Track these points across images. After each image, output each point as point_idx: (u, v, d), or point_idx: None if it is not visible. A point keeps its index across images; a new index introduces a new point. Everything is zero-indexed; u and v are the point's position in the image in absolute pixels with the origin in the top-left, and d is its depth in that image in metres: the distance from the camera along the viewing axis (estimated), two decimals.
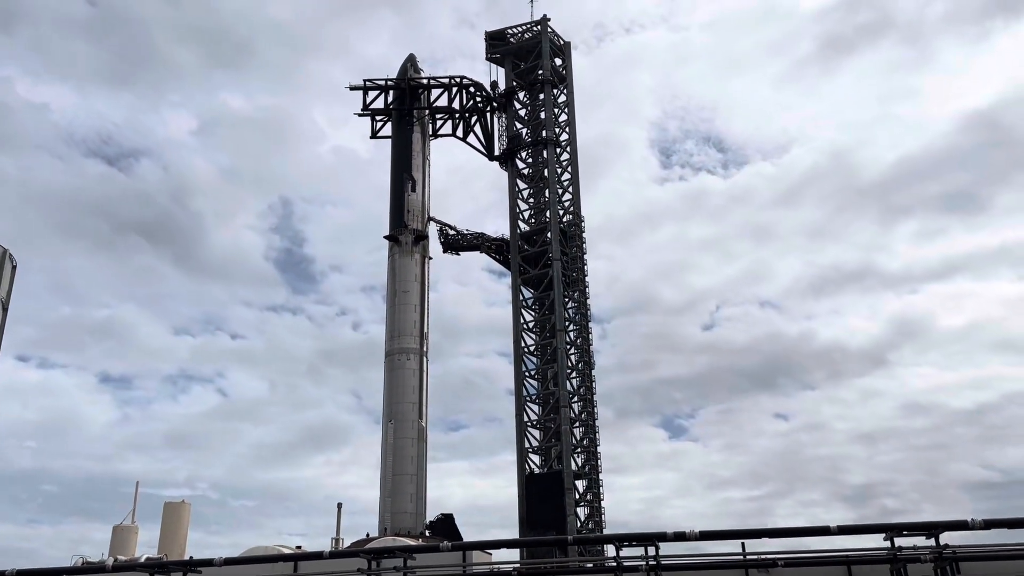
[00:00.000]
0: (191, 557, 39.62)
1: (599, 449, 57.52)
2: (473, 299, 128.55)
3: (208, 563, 37.28)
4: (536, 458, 57.64)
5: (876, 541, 32.92)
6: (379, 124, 63.57)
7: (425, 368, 55.76)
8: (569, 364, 58.54)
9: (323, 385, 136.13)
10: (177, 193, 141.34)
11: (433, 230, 61.81)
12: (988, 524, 30.76)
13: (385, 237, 59.22)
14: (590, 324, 60.55)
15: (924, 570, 31.20)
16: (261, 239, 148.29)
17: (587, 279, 61.28)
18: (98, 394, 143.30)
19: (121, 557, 44.90)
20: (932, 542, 31.39)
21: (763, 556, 34.45)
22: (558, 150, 63.30)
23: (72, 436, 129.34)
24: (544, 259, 59.90)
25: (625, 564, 34.16)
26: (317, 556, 37.97)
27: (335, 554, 38.88)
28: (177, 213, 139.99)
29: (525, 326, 60.52)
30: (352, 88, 63.86)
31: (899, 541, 31.70)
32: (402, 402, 53.72)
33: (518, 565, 39.13)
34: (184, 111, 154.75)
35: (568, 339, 58.98)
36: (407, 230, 58.38)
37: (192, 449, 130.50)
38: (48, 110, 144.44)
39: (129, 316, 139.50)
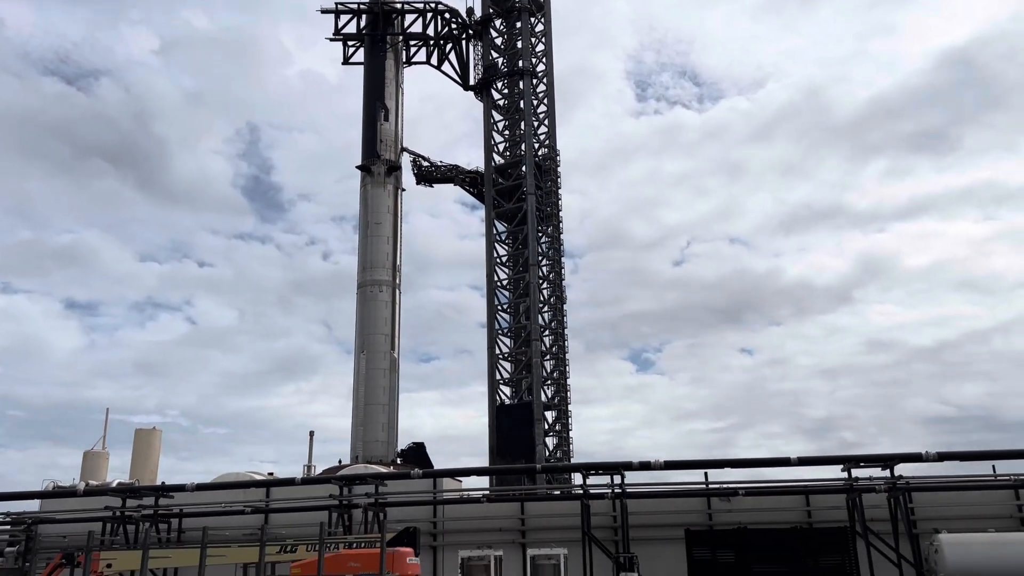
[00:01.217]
0: (163, 483, 39.96)
1: (568, 381, 58.43)
2: (445, 231, 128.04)
3: (180, 488, 37.70)
4: (507, 389, 58.46)
5: (834, 472, 34.14)
6: (351, 50, 61.90)
7: (397, 300, 55.78)
8: (541, 298, 58.89)
9: (293, 315, 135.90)
10: (140, 115, 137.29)
11: (406, 161, 61.03)
12: (941, 457, 32.02)
13: (357, 167, 58.34)
14: (562, 259, 60.77)
15: (878, 499, 32.49)
16: (228, 165, 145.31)
17: (561, 214, 61.18)
18: (64, 320, 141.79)
19: (92, 482, 45.16)
20: (887, 473, 32.64)
21: (725, 485, 35.65)
22: (534, 81, 62.31)
23: (38, 362, 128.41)
24: (519, 193, 59.55)
25: (592, 492, 35.14)
26: (289, 482, 38.54)
27: (307, 480, 39.50)
28: (140, 136, 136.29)
29: (498, 260, 60.54)
30: (323, 11, 61.91)
31: (856, 472, 32.91)
32: (374, 333, 53.87)
33: (488, 492, 40.04)
34: (144, 29, 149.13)
35: (540, 274, 59.17)
36: (380, 160, 57.52)
37: (161, 376, 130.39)
38: (3, 26, 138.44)
39: (93, 241, 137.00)
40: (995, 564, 28.08)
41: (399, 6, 61.96)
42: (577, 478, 37.85)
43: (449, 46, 63.69)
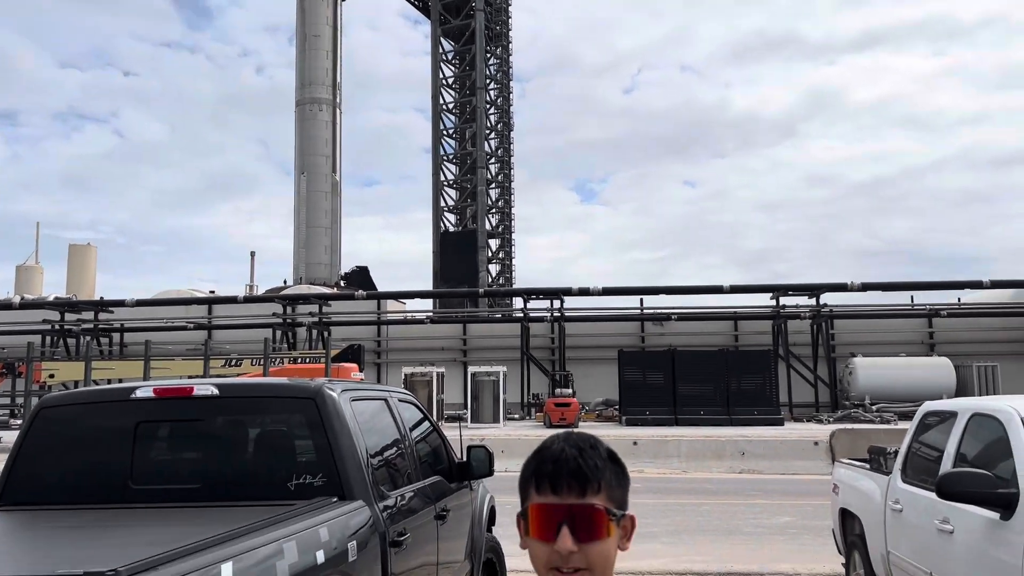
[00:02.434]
0: (102, 298, 39.59)
1: (513, 210, 58.60)
2: (388, 47, 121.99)
3: (120, 304, 37.42)
4: (451, 217, 58.41)
5: (763, 300, 35.69)
6: None
7: (338, 120, 53.90)
8: (488, 124, 57.63)
9: (227, 131, 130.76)
10: None
11: None
12: (865, 287, 33.60)
13: None
14: (511, 83, 59.00)
15: (802, 326, 34.30)
16: None
17: (511, 34, 58.70)
18: None
19: (28, 296, 44.43)
20: (813, 301, 34.27)
21: (659, 310, 37.07)
22: None
23: None
24: (467, 8, 56.57)
25: (532, 315, 36.20)
26: (232, 300, 38.58)
27: (250, 299, 39.56)
28: None
29: (444, 82, 58.41)
30: None
31: (784, 300, 34.45)
32: (315, 155, 52.38)
33: (431, 314, 40.91)
34: None
35: (488, 98, 57.54)
36: None
37: (91, 191, 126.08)
38: None
39: (6, 44, 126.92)
40: (902, 385, 30.28)
41: None
42: (518, 302, 38.77)
43: None
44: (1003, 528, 4.02)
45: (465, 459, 5.50)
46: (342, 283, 52.16)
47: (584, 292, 35.58)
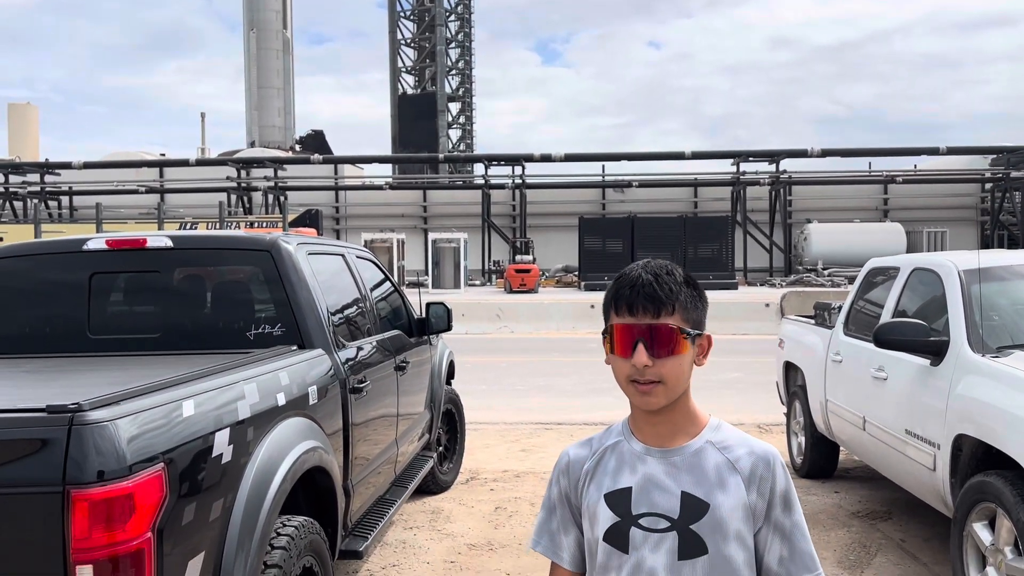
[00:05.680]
0: (47, 159, 38.22)
1: (474, 72, 56.92)
2: None
3: (66, 166, 36.26)
4: (409, 78, 56.58)
5: (724, 167, 35.87)
6: None
7: None
8: None
9: None
10: None
11: None
12: (825, 153, 33.85)
13: None
14: None
15: (761, 192, 34.69)
16: None
17: None
18: None
19: None
20: (773, 168, 34.55)
21: (620, 177, 37.10)
22: None
23: None
24: None
25: (493, 182, 35.97)
26: (184, 163, 37.57)
27: (203, 161, 38.53)
28: None
29: None
30: None
31: (744, 166, 34.65)
32: (265, 9, 49.67)
33: (390, 179, 40.37)
34: None
35: None
36: None
37: (22, 45, 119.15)
38: None
39: None
40: (854, 250, 31.03)
41: None
42: (479, 168, 38.41)
43: None
44: (932, 374, 4.26)
45: (424, 315, 5.60)
46: (297, 147, 50.90)
47: (546, 159, 35.31)
